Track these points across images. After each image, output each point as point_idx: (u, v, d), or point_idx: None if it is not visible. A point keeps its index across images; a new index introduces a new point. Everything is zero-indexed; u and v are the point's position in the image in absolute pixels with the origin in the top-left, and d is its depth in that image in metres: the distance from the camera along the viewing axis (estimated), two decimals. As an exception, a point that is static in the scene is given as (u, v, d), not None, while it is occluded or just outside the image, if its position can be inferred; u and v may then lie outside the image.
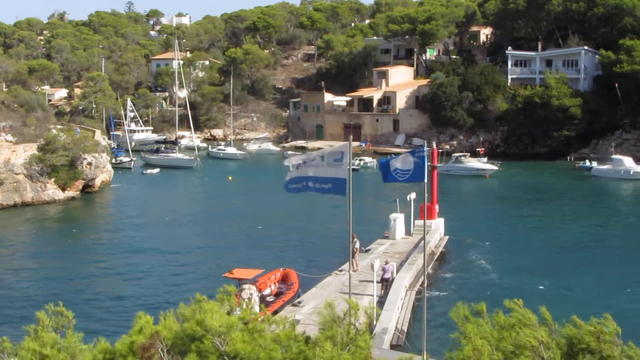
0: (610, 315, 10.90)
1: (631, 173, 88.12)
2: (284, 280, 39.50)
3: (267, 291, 37.54)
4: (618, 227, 63.21)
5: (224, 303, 12.55)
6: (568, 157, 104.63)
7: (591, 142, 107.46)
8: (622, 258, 50.61)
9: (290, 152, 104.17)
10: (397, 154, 30.68)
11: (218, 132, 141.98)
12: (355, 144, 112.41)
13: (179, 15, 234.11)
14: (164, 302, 37.44)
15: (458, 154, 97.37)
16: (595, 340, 10.50)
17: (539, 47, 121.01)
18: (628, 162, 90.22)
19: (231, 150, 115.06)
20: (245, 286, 32.94)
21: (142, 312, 12.12)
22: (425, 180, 27.09)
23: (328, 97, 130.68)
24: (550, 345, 10.59)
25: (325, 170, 27.61)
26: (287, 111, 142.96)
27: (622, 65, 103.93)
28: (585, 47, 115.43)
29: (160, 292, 42.23)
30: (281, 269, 40.81)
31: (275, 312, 32.25)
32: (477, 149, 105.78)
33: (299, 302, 35.31)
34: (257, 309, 30.84)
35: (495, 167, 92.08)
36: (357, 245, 41.81)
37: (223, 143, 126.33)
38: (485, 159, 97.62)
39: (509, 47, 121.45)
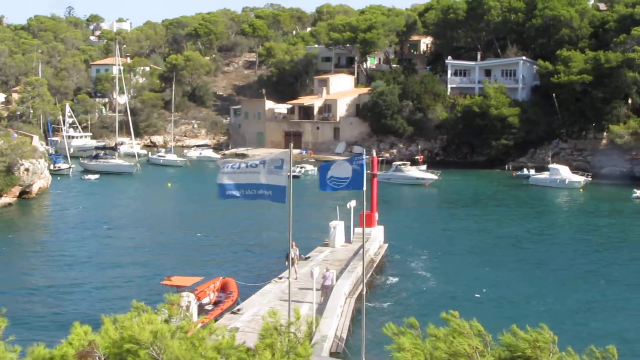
0: (546, 325, 11.02)
1: (567, 182, 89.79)
2: (223, 289, 39.32)
3: (205, 300, 37.35)
4: (554, 234, 64.20)
5: (162, 311, 12.45)
6: (506, 166, 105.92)
7: (529, 151, 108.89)
8: (558, 265, 51.38)
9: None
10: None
11: (158, 139, 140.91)
12: (296, 151, 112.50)
13: (120, 20, 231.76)
14: (101, 311, 36.91)
15: (398, 163, 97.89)
16: (531, 348, 10.62)
17: (478, 56, 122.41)
18: (564, 171, 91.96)
19: (171, 157, 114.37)
20: (184, 294, 32.70)
21: (78, 322, 11.98)
22: (364, 189, 27.14)
23: (269, 104, 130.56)
24: (485, 353, 10.69)
25: (265, 177, 27.51)
26: (228, 118, 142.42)
27: (559, 76, 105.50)
28: (524, 58, 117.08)
29: (97, 300, 41.73)
30: (221, 277, 40.62)
31: (214, 321, 32.13)
32: (416, 157, 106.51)
33: (238, 310, 35.18)
34: (195, 317, 30.75)
35: (435, 177, 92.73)
36: (297, 252, 41.85)
37: (163, 150, 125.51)
38: (424, 167, 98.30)
39: (449, 57, 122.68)
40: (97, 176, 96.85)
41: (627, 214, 75.26)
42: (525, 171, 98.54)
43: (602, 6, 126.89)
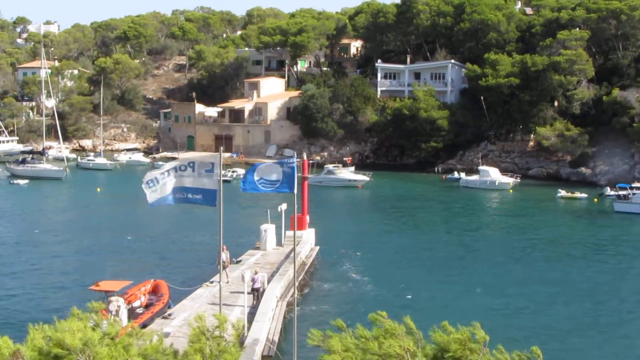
0: (479, 323, 11.13)
1: (497, 184, 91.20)
2: (155, 291, 38.97)
3: (136, 303, 36.98)
4: (484, 235, 65.03)
5: (89, 318, 12.30)
6: (435, 168, 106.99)
7: (458, 153, 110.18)
8: (489, 265, 52.04)
9: (160, 163, 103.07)
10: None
11: (87, 143, 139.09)
12: (227, 155, 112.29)
13: (47, 23, 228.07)
14: (29, 318, 36.42)
15: (330, 165, 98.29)
16: (462, 348, 10.71)
17: (408, 60, 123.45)
18: (494, 173, 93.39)
19: (101, 161, 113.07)
20: (113, 298, 32.38)
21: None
22: (295, 191, 27.14)
23: (199, 107, 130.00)
24: (417, 354, 10.76)
25: (195, 181, 27.36)
26: (158, 122, 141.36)
27: (487, 79, 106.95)
28: (452, 61, 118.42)
29: (25, 307, 40.97)
30: (152, 280, 40.24)
31: (144, 325, 31.85)
32: (345, 159, 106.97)
33: (170, 315, 34.92)
34: (125, 321, 30.44)
35: (366, 178, 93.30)
36: (228, 256, 41.76)
37: (92, 154, 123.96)
38: (352, 169, 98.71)
39: (379, 60, 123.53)
40: (26, 181, 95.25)
41: (552, 213, 76.96)
42: (455, 174, 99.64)
43: (529, 10, 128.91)
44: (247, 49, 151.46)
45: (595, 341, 36.21)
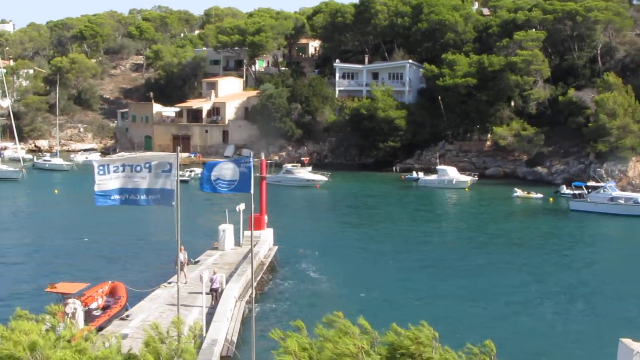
0: (426, 322, 11.22)
1: (454, 182, 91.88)
2: (112, 293, 38.68)
3: (93, 305, 36.69)
4: (441, 234, 65.44)
5: (45, 321, 12.19)
6: (393, 168, 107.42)
7: (415, 152, 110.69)
8: (445, 264, 52.41)
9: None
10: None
11: (43, 143, 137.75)
12: (185, 154, 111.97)
13: (2, 22, 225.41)
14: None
15: (289, 165, 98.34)
16: (414, 345, 10.80)
17: (366, 60, 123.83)
18: (452, 172, 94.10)
19: (57, 161, 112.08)
20: (70, 300, 32.09)
21: None
22: (252, 191, 27.06)
23: (157, 107, 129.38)
24: (371, 352, 10.83)
25: (152, 181, 27.15)
26: (115, 122, 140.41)
27: (444, 79, 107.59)
28: (410, 61, 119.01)
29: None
30: (109, 282, 39.95)
31: (101, 327, 31.66)
32: (302, 159, 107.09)
33: (127, 316, 34.73)
34: (81, 324, 30.21)
35: (325, 178, 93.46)
36: (186, 256, 41.63)
37: (49, 154, 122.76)
38: (309, 169, 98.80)
39: (337, 60, 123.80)
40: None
41: (508, 212, 77.77)
42: (414, 174, 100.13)
43: (486, 11, 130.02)
44: (205, 48, 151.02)
45: (549, 338, 36.57)
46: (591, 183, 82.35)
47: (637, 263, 55.68)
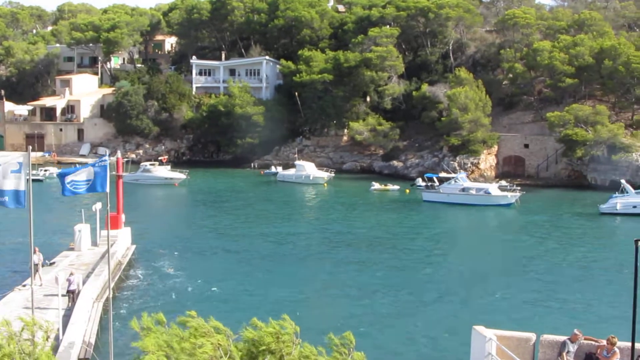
0: (288, 315, 11.45)
1: (312, 178, 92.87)
2: (-37, 298, 37.63)
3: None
4: (296, 228, 65.98)
5: None
6: (252, 164, 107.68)
7: (274, 148, 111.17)
8: (302, 256, 53.05)
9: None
10: (82, 164, 30.02)
11: None
12: (39, 154, 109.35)
13: None
14: None
15: (146, 163, 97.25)
16: (275, 341, 10.94)
17: (223, 56, 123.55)
18: (309, 167, 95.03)
19: None
20: None
21: None
22: (108, 190, 26.80)
23: (9, 106, 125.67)
24: (228, 350, 10.92)
25: (1, 182, 26.46)
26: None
27: (301, 75, 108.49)
28: (267, 57, 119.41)
29: None
30: (-40, 287, 38.85)
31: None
32: (160, 158, 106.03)
33: (-21, 321, 33.75)
34: None
35: (183, 176, 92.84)
36: (40, 258, 40.75)
37: None
38: (168, 167, 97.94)
39: (194, 57, 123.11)
40: None
41: (364, 205, 79.41)
42: (272, 169, 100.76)
43: (341, 8, 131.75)
44: (58, 45, 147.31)
45: (404, 328, 37.48)
46: (443, 174, 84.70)
47: (486, 251, 57.68)
